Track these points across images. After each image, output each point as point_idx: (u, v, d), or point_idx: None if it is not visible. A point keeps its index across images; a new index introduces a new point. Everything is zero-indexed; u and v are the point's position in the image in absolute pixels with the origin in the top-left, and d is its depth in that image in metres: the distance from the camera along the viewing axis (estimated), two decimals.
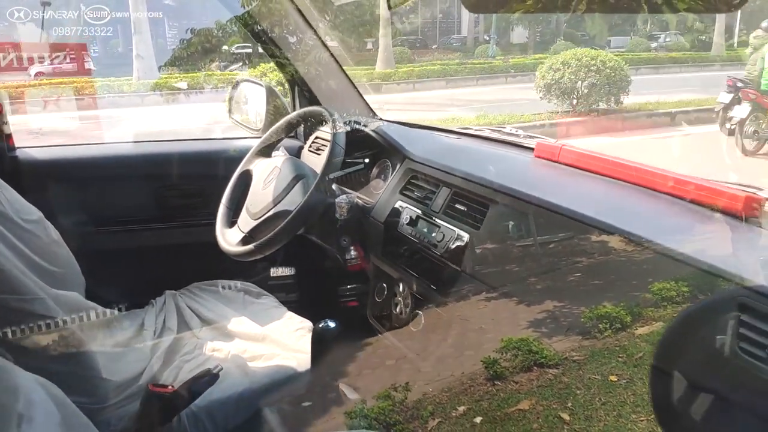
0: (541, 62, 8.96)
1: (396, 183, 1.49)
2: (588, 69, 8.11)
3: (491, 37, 19.60)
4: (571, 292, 0.99)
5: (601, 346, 0.93)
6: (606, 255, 0.98)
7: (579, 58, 8.20)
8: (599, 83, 8.16)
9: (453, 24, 25.93)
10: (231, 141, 2.06)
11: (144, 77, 11.31)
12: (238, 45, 6.53)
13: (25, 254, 1.34)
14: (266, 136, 1.64)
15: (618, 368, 0.91)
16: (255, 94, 2.02)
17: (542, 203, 1.08)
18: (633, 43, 18.10)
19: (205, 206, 1.95)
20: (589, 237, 0.99)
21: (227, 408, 1.29)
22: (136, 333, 1.54)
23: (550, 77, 8.25)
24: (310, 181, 1.38)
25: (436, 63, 15.19)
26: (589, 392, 0.91)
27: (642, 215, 1.07)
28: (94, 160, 1.91)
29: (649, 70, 14.27)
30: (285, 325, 1.56)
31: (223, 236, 1.54)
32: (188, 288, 1.75)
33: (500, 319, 1.13)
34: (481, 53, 18.24)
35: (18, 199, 1.41)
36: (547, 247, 1.05)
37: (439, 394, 1.09)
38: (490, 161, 1.45)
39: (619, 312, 0.91)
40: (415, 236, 1.33)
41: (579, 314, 0.96)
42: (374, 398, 1.10)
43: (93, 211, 1.88)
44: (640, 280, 0.95)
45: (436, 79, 13.68)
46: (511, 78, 14.24)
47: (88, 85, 11.53)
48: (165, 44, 12.43)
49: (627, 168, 1.20)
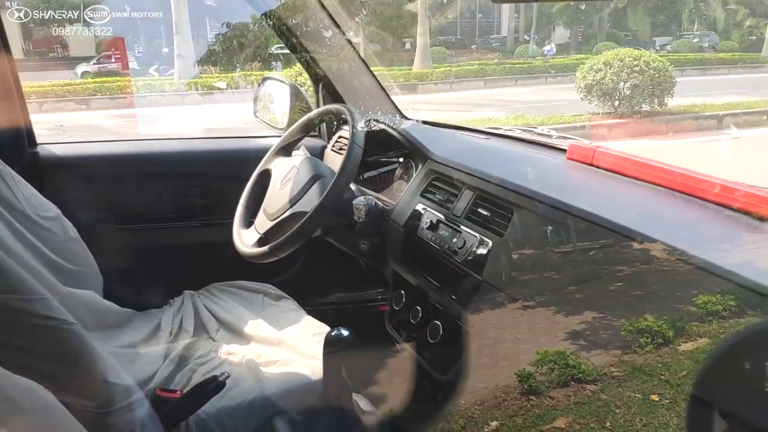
0: (582, 62, 8.76)
1: (417, 185, 1.42)
2: (631, 69, 7.89)
3: (531, 37, 19.31)
4: (608, 303, 0.91)
5: (642, 362, 0.85)
6: (646, 264, 0.89)
7: (621, 59, 7.99)
8: (642, 84, 7.93)
9: (493, 24, 25.73)
10: (253, 140, 2.03)
11: (185, 76, 11.53)
12: (278, 45, 6.57)
13: (41, 251, 1.32)
14: (286, 134, 1.59)
15: (660, 387, 0.83)
16: (280, 92, 1.98)
17: (573, 209, 1.00)
18: (679, 44, 17.60)
19: (226, 205, 1.92)
20: (626, 246, 0.90)
21: (237, 416, 1.24)
22: (151, 334, 1.52)
23: (591, 78, 8.06)
24: (327, 182, 1.33)
25: (474, 63, 15.04)
26: (629, 412, 0.83)
27: (685, 224, 0.99)
28: (115, 158, 1.89)
29: (695, 72, 13.83)
30: (302, 330, 1.52)
31: (240, 237, 1.50)
32: (207, 288, 1.73)
33: (525, 331, 1.05)
34: (521, 53, 18.00)
35: (35, 195, 1.40)
36: (580, 256, 0.97)
37: (471, 408, 1.04)
38: (517, 163, 1.37)
39: (661, 326, 0.83)
40: (435, 242, 1.26)
41: (619, 327, 0.87)
42: (405, 409, 1.05)
43: (113, 208, 1.87)
44: (684, 292, 0.86)
45: (473, 79, 13.55)
46: (551, 78, 14.02)
47: (131, 84, 11.84)
48: (206, 44, 12.63)
49: (668, 173, 1.11)
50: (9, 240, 1.18)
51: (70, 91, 10.66)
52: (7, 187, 1.28)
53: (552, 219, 1.03)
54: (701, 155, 6.13)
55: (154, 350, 1.44)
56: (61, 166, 1.79)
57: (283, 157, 1.57)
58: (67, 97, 10.50)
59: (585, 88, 8.16)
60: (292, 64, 5.56)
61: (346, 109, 1.39)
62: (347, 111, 1.38)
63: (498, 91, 12.68)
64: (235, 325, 1.55)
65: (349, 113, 1.37)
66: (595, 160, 1.27)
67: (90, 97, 10.60)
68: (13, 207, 1.27)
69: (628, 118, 8.04)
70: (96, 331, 1.38)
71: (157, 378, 1.34)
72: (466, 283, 1.15)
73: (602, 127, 7.76)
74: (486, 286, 1.10)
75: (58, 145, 1.82)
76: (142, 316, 1.59)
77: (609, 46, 12.62)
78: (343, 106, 1.43)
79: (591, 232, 0.95)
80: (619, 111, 8.17)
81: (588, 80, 8.10)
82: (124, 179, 1.87)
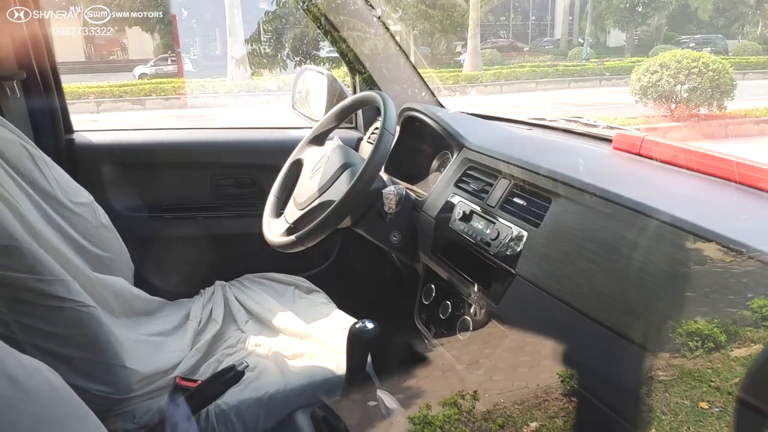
0: (638, 65, 8.46)
1: (451, 174, 1.36)
2: (689, 71, 7.57)
3: (585, 39, 18.88)
4: (653, 302, 0.82)
5: (691, 367, 0.77)
6: (698, 264, 0.81)
7: (679, 60, 7.68)
8: (701, 87, 7.59)
9: (546, 26, 25.37)
10: (289, 130, 2.00)
11: (237, 78, 11.78)
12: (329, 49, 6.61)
13: (71, 236, 1.32)
14: (319, 123, 1.55)
15: (710, 394, 0.75)
16: (317, 83, 1.96)
17: (617, 198, 0.91)
18: (741, 47, 16.88)
19: (259, 196, 1.90)
20: (676, 240, 0.82)
21: (258, 408, 1.21)
22: (180, 323, 1.50)
23: (646, 80, 7.79)
24: (357, 170, 1.28)
25: (525, 65, 14.81)
26: (676, 419, 0.75)
27: (743, 218, 0.89)
28: (150, 146, 1.90)
29: (757, 75, 13.21)
30: (331, 324, 1.48)
31: (269, 226, 1.47)
32: (239, 279, 1.71)
33: (563, 328, 0.97)
34: (575, 56, 17.62)
35: (68, 180, 1.41)
36: (624, 250, 0.88)
37: (509, 407, 0.97)
38: (557, 151, 1.29)
39: (713, 329, 0.74)
40: (468, 233, 1.19)
41: (665, 330, 0.79)
42: (440, 405, 0.99)
43: (146, 196, 1.87)
44: (738, 294, 0.77)
45: (525, 81, 13.33)
46: (605, 81, 13.68)
47: (185, 86, 12.17)
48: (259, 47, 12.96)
49: (724, 161, 1.02)
50: (37, 223, 1.18)
51: (126, 91, 11.04)
52: (39, 171, 1.29)
53: (593, 209, 0.95)
54: (764, 161, 5.81)
55: (182, 339, 1.42)
56: (96, 153, 1.80)
57: (316, 146, 1.54)
58: (123, 97, 10.88)
59: (640, 90, 7.90)
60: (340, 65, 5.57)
61: (379, 95, 1.34)
62: (380, 97, 1.33)
63: (550, 93, 12.47)
64: (264, 317, 1.52)
65: (382, 99, 1.32)
66: (644, 150, 1.18)
67: (145, 97, 10.96)
68: (44, 191, 1.28)
69: (685, 122, 7.72)
70: (123, 318, 1.38)
71: (182, 367, 1.32)
72: (499, 276, 1.08)
73: (658, 130, 7.47)
74: (520, 280, 1.03)
75: (93, 132, 1.83)
76: (172, 305, 1.58)
77: (668, 50, 12.22)
78: (376, 92, 1.38)
79: (636, 223, 0.87)
80: (676, 114, 7.86)
81: (643, 82, 7.83)
82: (158, 168, 1.87)
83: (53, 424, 0.57)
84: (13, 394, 0.55)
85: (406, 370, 1.24)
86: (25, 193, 1.21)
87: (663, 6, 19.78)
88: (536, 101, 11.18)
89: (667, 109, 7.89)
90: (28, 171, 1.26)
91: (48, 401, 0.60)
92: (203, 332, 1.47)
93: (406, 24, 12.12)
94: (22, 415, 0.55)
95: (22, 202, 1.16)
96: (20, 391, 0.56)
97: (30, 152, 1.29)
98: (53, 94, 1.66)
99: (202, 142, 1.93)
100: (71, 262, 1.21)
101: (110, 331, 1.13)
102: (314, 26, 5.97)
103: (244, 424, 1.19)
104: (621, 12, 19.25)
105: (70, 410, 0.64)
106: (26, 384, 0.57)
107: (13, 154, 1.23)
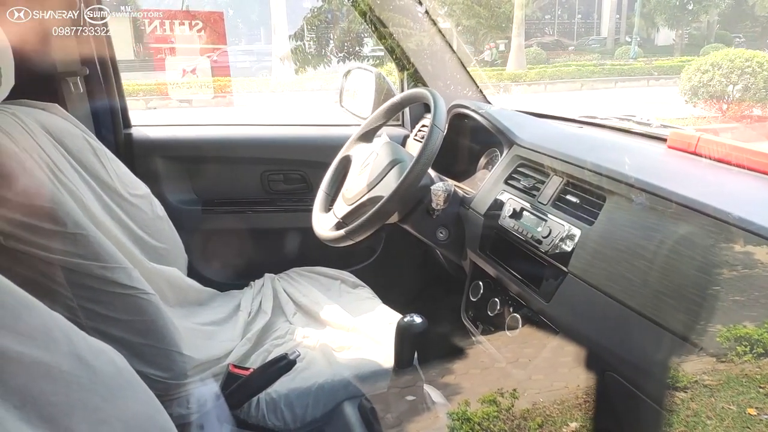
0: (688, 64, 8.22)
1: (501, 171, 1.35)
2: (742, 71, 7.29)
3: (633, 38, 18.40)
4: (705, 306, 0.81)
5: (739, 372, 0.75)
6: (751, 267, 0.79)
7: (732, 59, 7.41)
8: (754, 87, 7.30)
9: (592, 25, 24.85)
10: (338, 127, 2.03)
11: (281, 76, 11.90)
12: (373, 48, 6.63)
13: (129, 226, 1.37)
14: (368, 120, 1.57)
15: (758, 400, 0.74)
16: (365, 81, 1.97)
17: (674, 196, 0.90)
18: None
19: (308, 192, 1.93)
20: (731, 242, 0.80)
21: (307, 397, 1.23)
22: (230, 313, 1.55)
23: (697, 79, 7.53)
24: (406, 167, 1.29)
25: (570, 64, 14.53)
26: (722, 424, 0.74)
27: None
28: (203, 141, 1.95)
29: None
30: (376, 318, 1.50)
31: (318, 221, 1.50)
32: (287, 272, 1.75)
33: (612, 328, 0.96)
34: (621, 55, 17.20)
35: (127, 173, 1.46)
36: (677, 251, 0.87)
37: (549, 406, 0.98)
38: (611, 149, 1.27)
39: (763, 335, 0.73)
40: (518, 230, 1.19)
41: (714, 333, 0.78)
42: (479, 402, 1.00)
43: (199, 190, 1.93)
44: None
45: (570, 80, 13.08)
46: (653, 81, 13.29)
47: (231, 84, 12.34)
48: (303, 46, 13.03)
49: None
50: (99, 213, 1.23)
51: (174, 89, 11.25)
52: (100, 164, 1.35)
53: (649, 207, 0.94)
54: None
55: (233, 329, 1.46)
56: (153, 147, 1.86)
57: (364, 143, 1.55)
58: (167, 95, 11.09)
59: (690, 90, 7.64)
60: (385, 63, 5.59)
61: (429, 92, 1.35)
62: (429, 94, 1.34)
63: (596, 93, 12.19)
64: (311, 309, 1.55)
65: (432, 96, 1.32)
66: (699, 149, 1.16)
67: (192, 95, 11.13)
68: (105, 183, 1.33)
69: (738, 123, 7.46)
70: (177, 307, 1.42)
71: (233, 355, 1.36)
72: (550, 274, 1.08)
73: (709, 131, 7.24)
74: (572, 278, 1.02)
75: (150, 127, 1.89)
76: (224, 296, 1.63)
77: (717, 47, 11.80)
78: (425, 89, 1.38)
79: (693, 222, 0.85)
80: (728, 115, 7.59)
81: (693, 82, 7.58)
82: (210, 162, 1.92)
83: (118, 403, 0.59)
84: (81, 373, 0.58)
85: (452, 365, 1.25)
86: (87, 185, 1.27)
87: (715, 3, 19.16)
88: (582, 101, 10.96)
89: (718, 109, 7.63)
90: (90, 164, 1.31)
91: (113, 382, 0.63)
92: (253, 323, 1.51)
93: (452, 20, 12.04)
94: (90, 393, 0.58)
95: (85, 193, 1.22)
96: (88, 370, 0.59)
97: (92, 146, 1.35)
98: (113, 90, 1.73)
99: (252, 138, 1.97)
100: (130, 252, 1.26)
101: (169, 319, 1.17)
102: (357, 23, 5.99)
103: (293, 413, 1.22)
104: (671, 9, 18.70)
105: (133, 391, 0.67)
106: (93, 364, 0.60)
107: (77, 147, 1.29)
